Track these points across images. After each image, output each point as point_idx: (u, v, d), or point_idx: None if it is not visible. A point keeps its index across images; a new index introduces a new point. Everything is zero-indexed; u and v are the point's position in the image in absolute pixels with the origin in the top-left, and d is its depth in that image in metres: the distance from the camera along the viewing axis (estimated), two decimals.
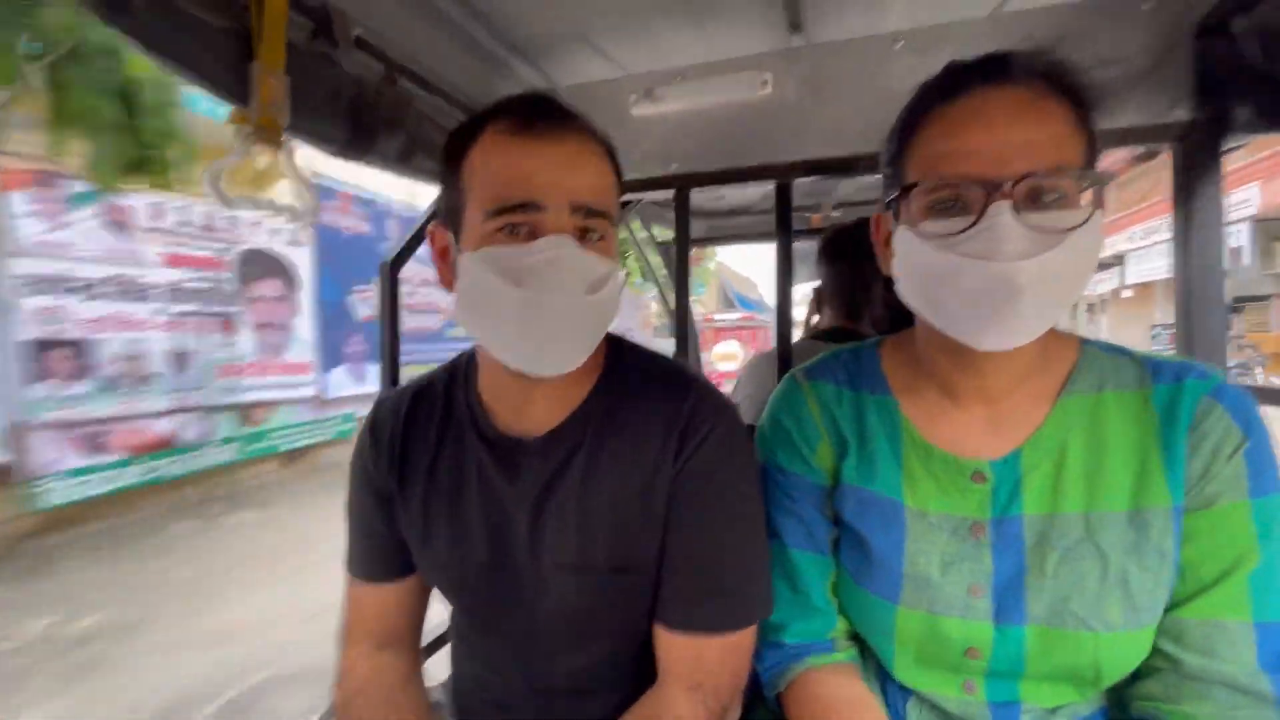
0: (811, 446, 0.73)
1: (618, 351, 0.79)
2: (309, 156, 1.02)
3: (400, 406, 0.81)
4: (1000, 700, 0.65)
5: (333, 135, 0.95)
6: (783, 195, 1.18)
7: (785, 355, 1.20)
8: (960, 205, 0.58)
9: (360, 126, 0.97)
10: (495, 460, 0.74)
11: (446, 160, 0.69)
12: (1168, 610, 0.60)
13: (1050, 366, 0.66)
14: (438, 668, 0.96)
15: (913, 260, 0.62)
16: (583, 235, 0.65)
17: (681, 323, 1.31)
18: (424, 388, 0.83)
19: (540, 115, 0.65)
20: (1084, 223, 0.55)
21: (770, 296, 1.39)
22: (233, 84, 0.83)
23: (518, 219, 0.63)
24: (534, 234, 0.63)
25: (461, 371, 0.81)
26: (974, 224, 0.56)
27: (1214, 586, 0.58)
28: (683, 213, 1.25)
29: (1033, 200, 0.56)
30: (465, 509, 0.75)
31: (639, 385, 0.75)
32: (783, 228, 1.18)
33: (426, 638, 0.93)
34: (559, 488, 0.72)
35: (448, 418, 0.79)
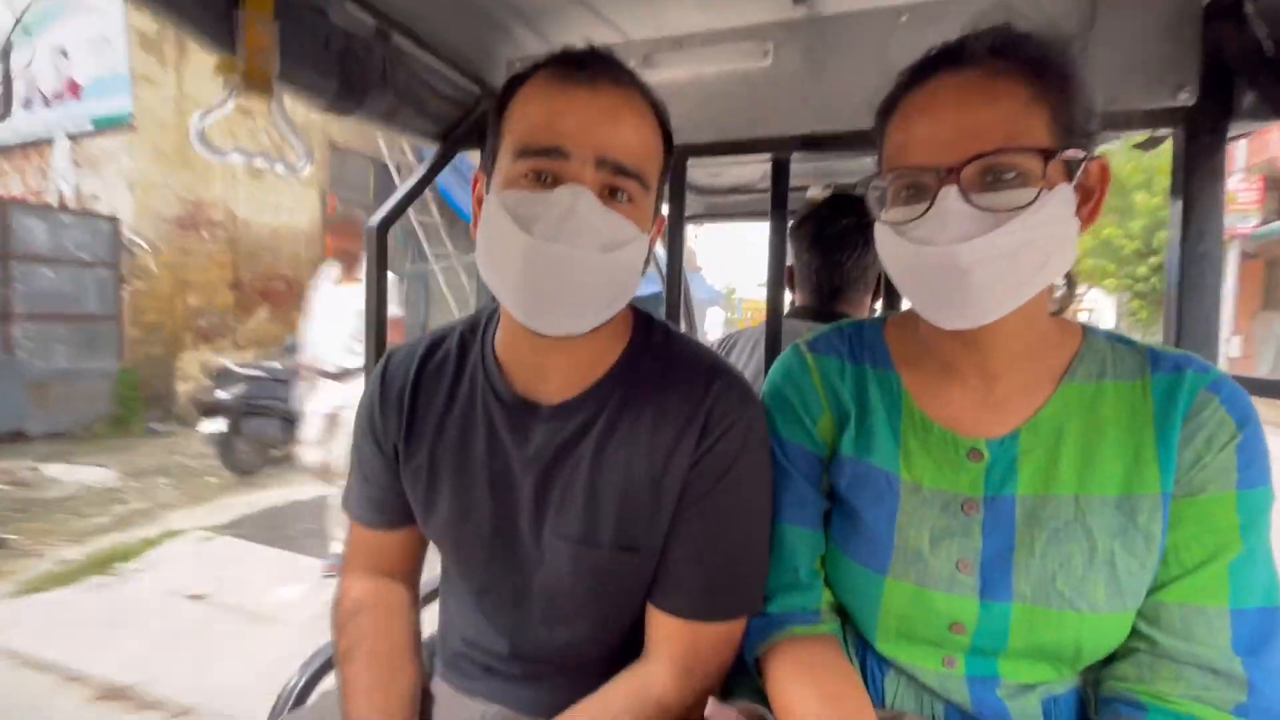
0: (813, 417, 0.73)
1: (646, 328, 0.77)
2: None
3: (413, 359, 0.79)
4: (979, 675, 0.66)
5: (322, 88, 0.94)
6: (779, 171, 1.16)
7: (775, 333, 1.19)
8: (918, 193, 0.60)
9: (350, 80, 0.95)
10: (507, 421, 0.73)
11: (496, 107, 0.68)
12: (1148, 594, 0.61)
13: (1052, 352, 0.67)
14: (426, 626, 0.98)
15: (883, 248, 0.65)
16: (611, 194, 0.63)
17: (674, 297, 1.30)
18: (439, 340, 0.81)
19: (585, 65, 0.64)
20: (1033, 201, 0.56)
21: (713, 274, 1.37)
22: (218, 30, 0.81)
23: (542, 164, 0.62)
24: (556, 182, 0.61)
25: (481, 326, 0.79)
26: (926, 211, 0.59)
27: (1194, 572, 0.59)
28: (678, 184, 1.23)
29: (989, 180, 0.57)
30: (471, 467, 0.74)
31: (664, 366, 0.73)
32: (778, 205, 1.17)
33: (427, 589, 0.94)
34: (569, 459, 0.71)
35: (460, 373, 0.77)
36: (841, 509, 0.72)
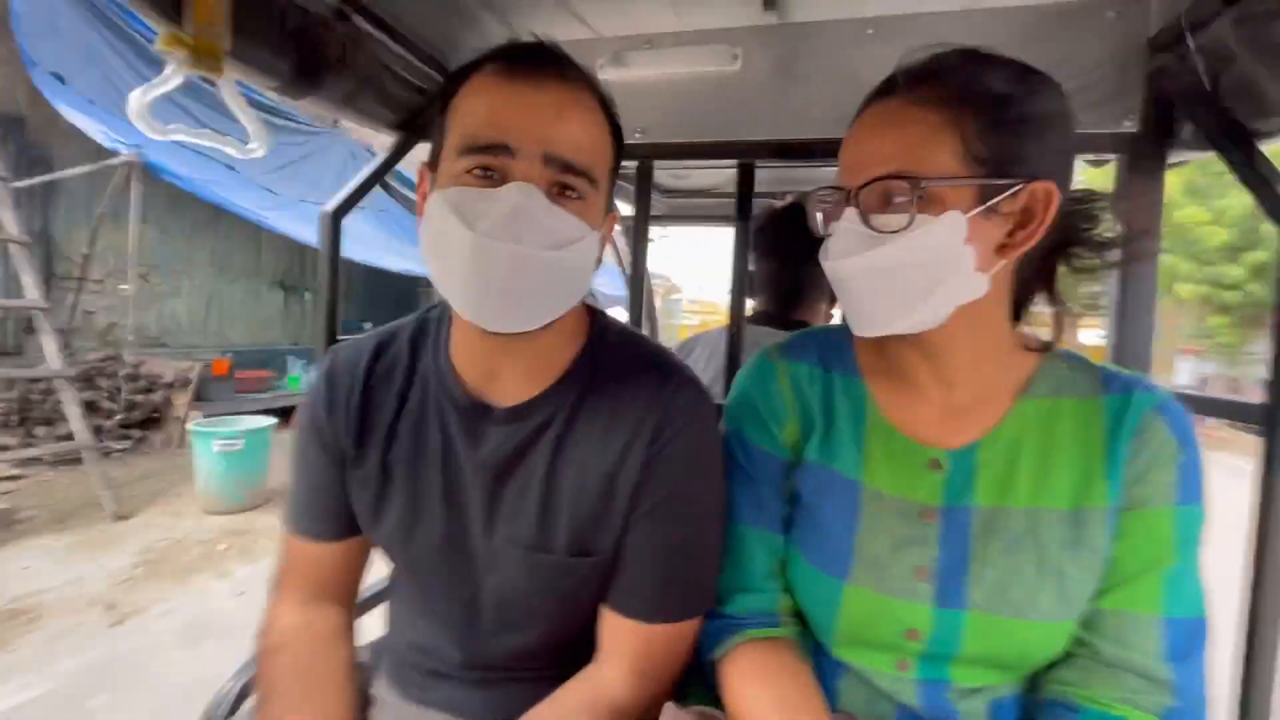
0: (779, 423, 0.75)
1: (601, 329, 0.76)
2: None
3: (359, 359, 0.76)
4: (930, 679, 0.68)
5: (276, 68, 0.89)
6: (745, 176, 1.17)
7: (736, 337, 1.19)
8: (836, 209, 0.66)
9: (306, 61, 0.91)
10: (460, 424, 0.72)
11: (440, 102, 0.67)
12: (1088, 601, 0.64)
13: (1012, 365, 0.69)
14: (370, 626, 0.94)
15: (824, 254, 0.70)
16: (556, 189, 0.62)
17: (637, 299, 1.30)
18: (387, 341, 0.78)
19: (533, 60, 0.63)
20: (906, 226, 0.59)
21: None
22: (165, 0, 0.76)
23: (487, 161, 0.60)
24: (504, 180, 0.60)
25: (432, 327, 0.77)
26: (832, 228, 0.66)
27: (1132, 581, 0.63)
28: (644, 185, 1.23)
29: (883, 204, 0.61)
30: (424, 472, 0.73)
31: (619, 367, 0.73)
32: (743, 210, 1.18)
33: (363, 595, 0.90)
34: (523, 463, 0.70)
35: (412, 375, 0.75)
36: (803, 514, 0.72)
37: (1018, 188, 0.59)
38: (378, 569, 0.87)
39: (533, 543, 0.70)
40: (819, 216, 0.70)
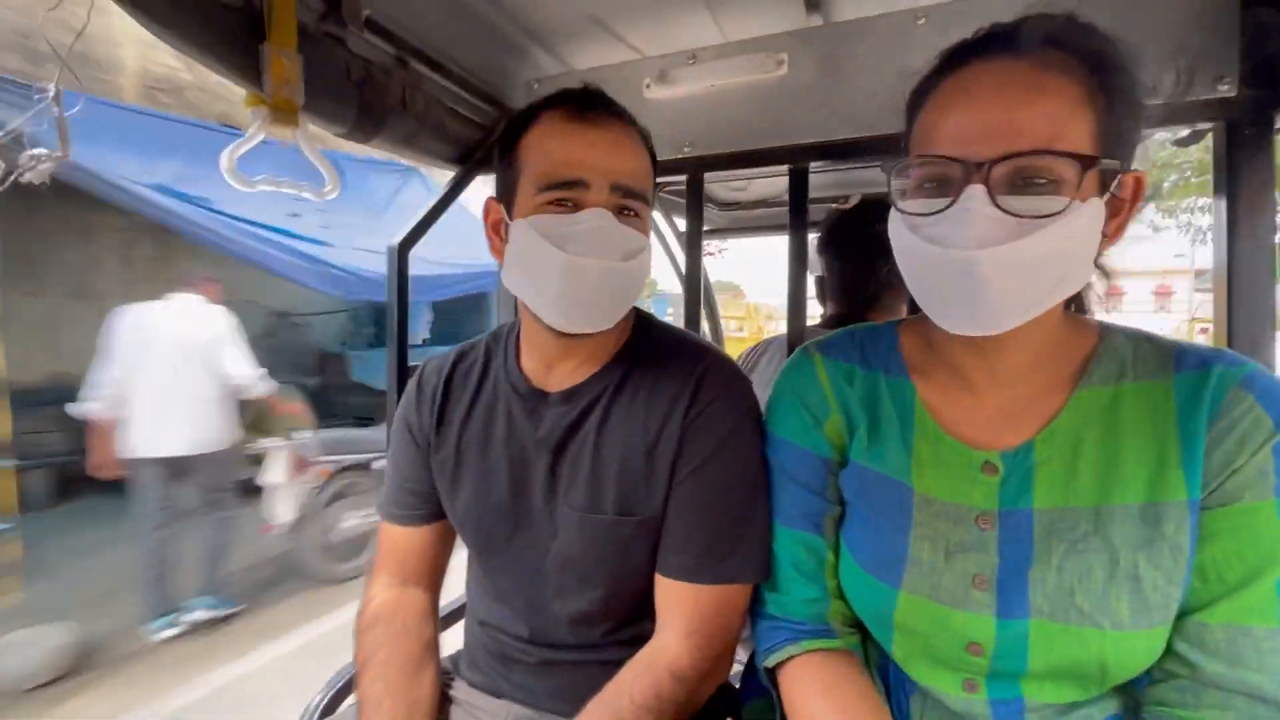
0: (820, 420, 0.72)
1: (644, 325, 0.87)
2: None
3: (444, 364, 0.91)
4: (1002, 698, 0.63)
5: (342, 116, 0.97)
6: (798, 181, 1.15)
7: (796, 343, 1.16)
8: (942, 186, 0.57)
9: (369, 107, 0.98)
10: (523, 409, 0.83)
11: (503, 142, 0.79)
12: (1188, 613, 0.57)
13: (1066, 354, 0.63)
14: (452, 641, 1.00)
15: (895, 240, 0.63)
16: (620, 211, 0.73)
17: (694, 310, 1.29)
18: (468, 349, 0.93)
19: (591, 105, 0.75)
20: (1063, 211, 0.52)
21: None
22: (244, 65, 0.85)
23: (565, 194, 0.72)
24: (578, 207, 0.72)
25: (504, 336, 0.90)
26: (947, 206, 0.55)
27: (1239, 590, 0.55)
28: (695, 198, 1.23)
29: (1018, 184, 0.53)
30: (493, 450, 0.84)
31: (657, 353, 0.83)
32: (797, 215, 1.15)
33: (444, 610, 0.97)
34: (576, 437, 0.81)
35: (485, 374, 0.89)
36: (855, 518, 0.70)
37: (1128, 173, 0.55)
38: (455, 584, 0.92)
39: (586, 505, 0.79)
40: (902, 188, 0.62)
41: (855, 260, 1.37)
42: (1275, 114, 0.85)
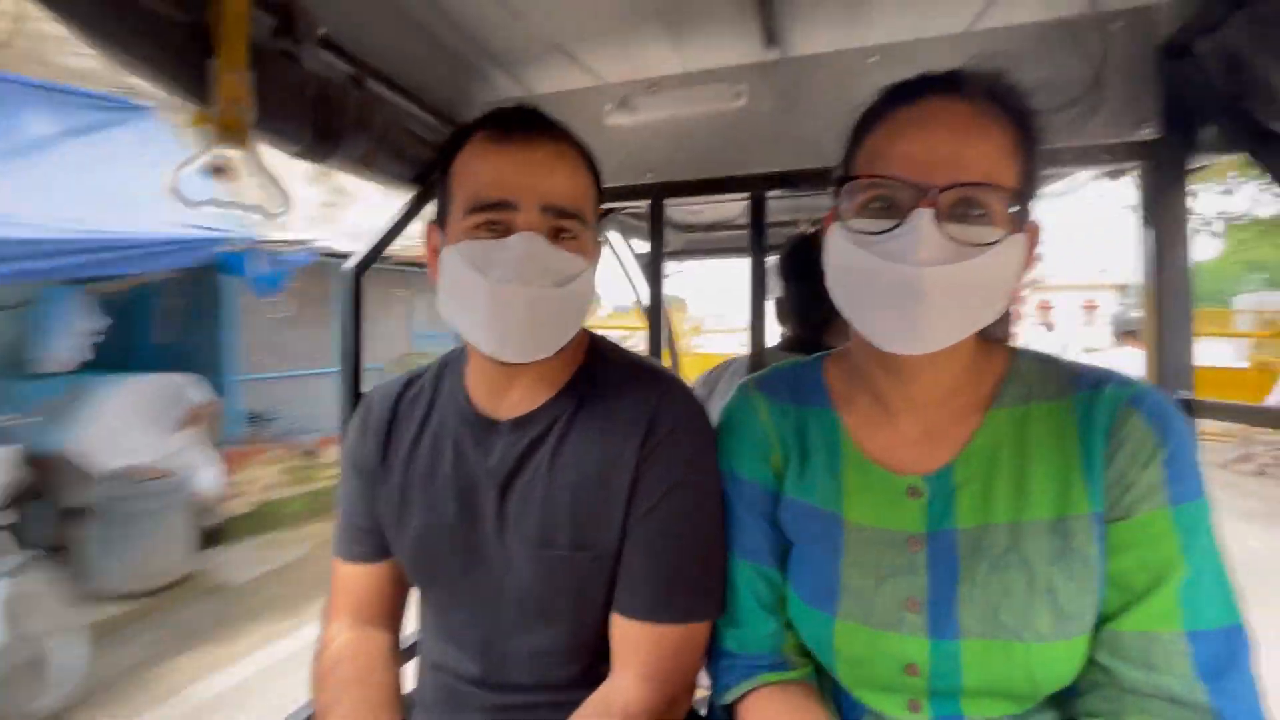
0: (766, 455, 0.74)
1: (598, 350, 0.83)
2: None
3: (391, 392, 0.87)
4: (945, 716, 0.64)
5: (297, 135, 0.93)
6: (757, 208, 1.17)
7: (757, 365, 1.18)
8: (890, 207, 0.60)
9: (325, 127, 0.95)
10: (472, 438, 0.79)
11: (440, 166, 0.76)
12: (1103, 623, 0.60)
13: (980, 379, 0.67)
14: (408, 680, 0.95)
15: (837, 256, 0.64)
16: (556, 234, 0.70)
17: (656, 332, 1.30)
18: (415, 377, 0.89)
19: (519, 124, 0.71)
20: (998, 241, 0.57)
21: None
22: (190, 82, 0.81)
23: (493, 217, 0.68)
24: (508, 231, 0.68)
25: (454, 362, 0.87)
26: (896, 226, 0.58)
27: (1145, 598, 0.58)
28: (657, 223, 1.24)
29: (958, 213, 0.57)
30: (440, 481, 0.80)
31: (613, 379, 0.79)
32: (757, 241, 1.18)
33: (404, 643, 0.92)
34: (527, 467, 0.77)
35: (433, 403, 0.85)
36: (793, 551, 0.71)
37: (1031, 221, 0.61)
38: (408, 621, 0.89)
39: (538, 539, 0.75)
40: (848, 207, 0.63)
41: (811, 284, 1.40)
42: (1189, 157, 0.93)
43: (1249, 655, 0.57)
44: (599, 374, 0.80)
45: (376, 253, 1.14)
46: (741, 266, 1.25)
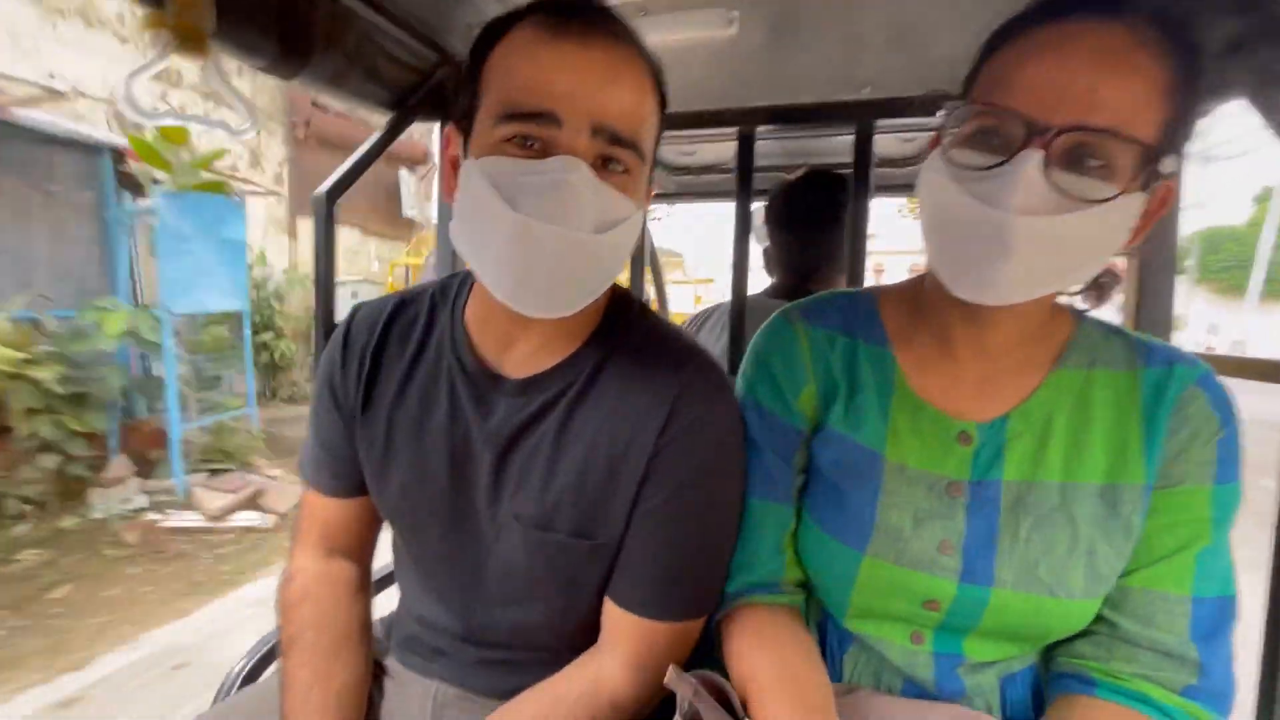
0: (796, 390, 0.71)
1: (622, 305, 0.73)
2: None
3: (378, 318, 0.76)
4: (944, 652, 0.66)
5: (261, 47, 0.88)
6: (745, 147, 1.14)
7: (740, 312, 1.17)
8: (999, 141, 0.54)
9: (292, 40, 0.90)
10: (470, 392, 0.70)
11: (472, 57, 0.63)
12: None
13: (1048, 335, 0.66)
14: (382, 605, 0.95)
15: (930, 187, 0.59)
16: (603, 164, 0.58)
17: (638, 278, 1.28)
18: (408, 301, 0.78)
19: (578, 17, 0.58)
20: (1110, 199, 0.51)
21: None
22: None
23: (530, 130, 0.56)
24: (546, 152, 0.56)
25: (453, 291, 0.76)
26: (999, 164, 0.52)
27: (1163, 560, 0.60)
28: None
29: (1074, 159, 0.51)
30: (429, 436, 0.72)
31: (635, 347, 0.70)
32: (744, 181, 1.15)
33: (376, 574, 0.92)
34: (530, 436, 0.69)
35: (427, 337, 0.74)
36: (822, 484, 0.70)
37: (1170, 177, 0.54)
38: (387, 546, 0.88)
39: (534, 520, 0.69)
40: (955, 135, 0.57)
41: (798, 231, 1.38)
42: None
43: (1233, 625, 0.60)
44: (622, 337, 0.70)
45: (350, 178, 1.10)
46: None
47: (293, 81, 0.95)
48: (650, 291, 2.01)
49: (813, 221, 1.36)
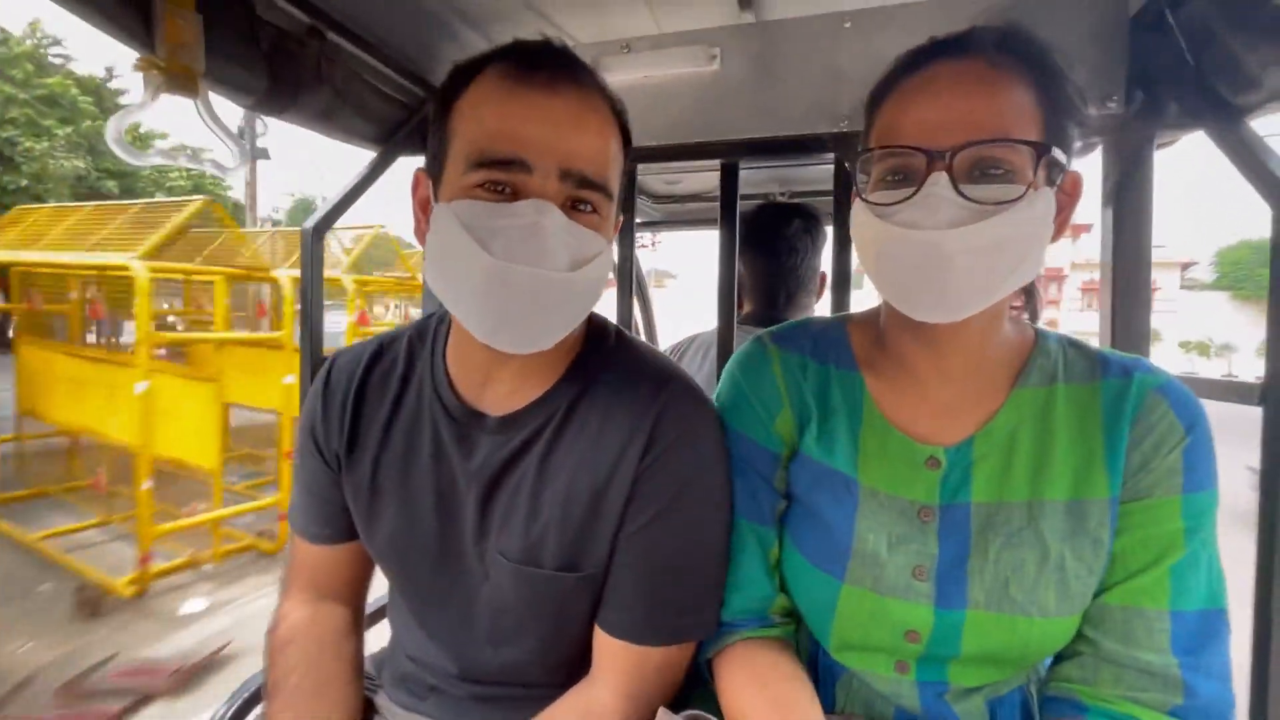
0: (771, 414, 0.72)
1: (599, 334, 0.74)
2: None
3: (358, 364, 0.76)
4: (929, 680, 0.66)
5: (251, 86, 0.90)
6: (729, 177, 1.16)
7: (726, 339, 1.18)
8: (905, 177, 0.59)
9: (281, 79, 0.92)
10: (453, 433, 0.70)
11: (440, 102, 0.64)
12: (1093, 596, 0.62)
13: (1006, 357, 0.67)
14: (373, 640, 0.94)
15: (860, 230, 0.63)
16: (572, 206, 0.60)
17: (626, 303, 1.29)
18: (386, 345, 0.78)
19: (544, 64, 0.59)
20: (1020, 197, 0.55)
21: None
22: (136, 25, 0.77)
23: (500, 176, 0.57)
24: (516, 195, 0.58)
25: (430, 332, 0.76)
26: (913, 194, 0.57)
27: (1137, 575, 0.60)
28: (629, 190, 1.22)
29: (977, 174, 0.56)
30: (416, 478, 0.72)
31: (614, 375, 0.70)
32: (727, 210, 1.17)
33: (368, 608, 0.90)
34: (513, 472, 0.69)
35: (407, 381, 0.75)
36: (800, 510, 0.70)
37: (1068, 171, 0.59)
38: (381, 582, 0.87)
39: (521, 556, 0.68)
40: (865, 182, 0.64)
41: (772, 258, 1.40)
42: (1155, 131, 0.93)
43: (1226, 638, 0.59)
44: (598, 367, 0.71)
45: (337, 213, 1.11)
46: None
47: (282, 118, 0.96)
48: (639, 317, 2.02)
49: (770, 251, 1.39)
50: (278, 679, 0.73)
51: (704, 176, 1.77)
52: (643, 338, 2.00)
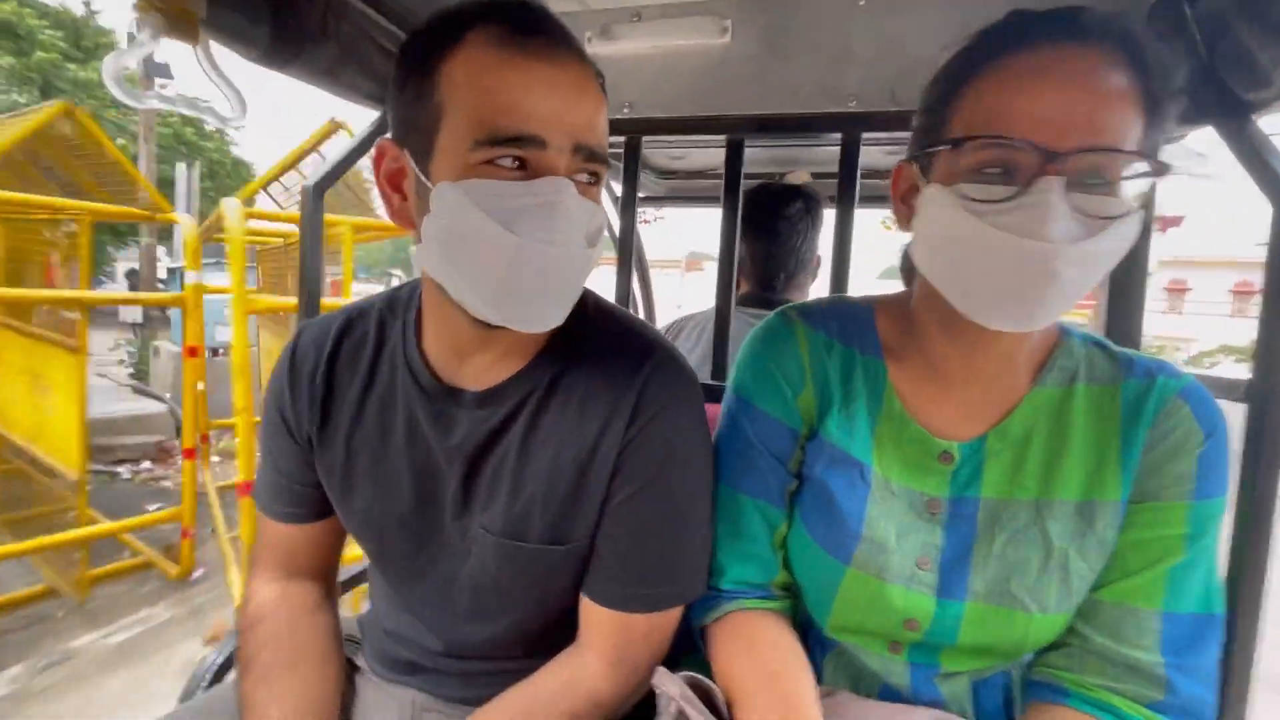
0: (794, 390, 0.71)
1: (581, 304, 0.71)
2: None
3: (326, 337, 0.74)
4: (920, 662, 0.68)
5: (253, 36, 0.88)
6: (734, 153, 1.15)
7: (724, 318, 1.18)
8: (1007, 171, 0.54)
9: (284, 30, 0.90)
10: (428, 410, 0.69)
11: (412, 64, 0.59)
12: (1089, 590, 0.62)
13: (1032, 354, 0.66)
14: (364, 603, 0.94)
15: (941, 223, 0.58)
16: (580, 180, 0.59)
17: (625, 279, 1.29)
18: (355, 318, 0.76)
19: (537, 30, 0.57)
20: (1126, 214, 0.52)
21: None
22: None
23: (516, 153, 0.55)
24: (530, 173, 0.56)
25: (402, 305, 0.74)
26: (1018, 194, 0.52)
27: (1134, 574, 0.60)
28: (633, 162, 1.21)
29: (1082, 182, 0.52)
30: (391, 456, 0.71)
31: (596, 346, 0.69)
32: (731, 187, 1.16)
33: (345, 574, 0.91)
34: (496, 448, 0.68)
35: (379, 355, 0.73)
36: (813, 492, 0.70)
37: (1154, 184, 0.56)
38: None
39: (505, 531, 0.68)
40: (954, 169, 0.56)
41: (772, 238, 1.40)
42: None
43: (1217, 645, 0.60)
44: (581, 338, 0.69)
45: (338, 172, 1.10)
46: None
47: (286, 73, 0.95)
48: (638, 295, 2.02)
49: (771, 231, 1.39)
50: (249, 655, 0.73)
51: (708, 153, 1.76)
52: (641, 315, 2.00)
